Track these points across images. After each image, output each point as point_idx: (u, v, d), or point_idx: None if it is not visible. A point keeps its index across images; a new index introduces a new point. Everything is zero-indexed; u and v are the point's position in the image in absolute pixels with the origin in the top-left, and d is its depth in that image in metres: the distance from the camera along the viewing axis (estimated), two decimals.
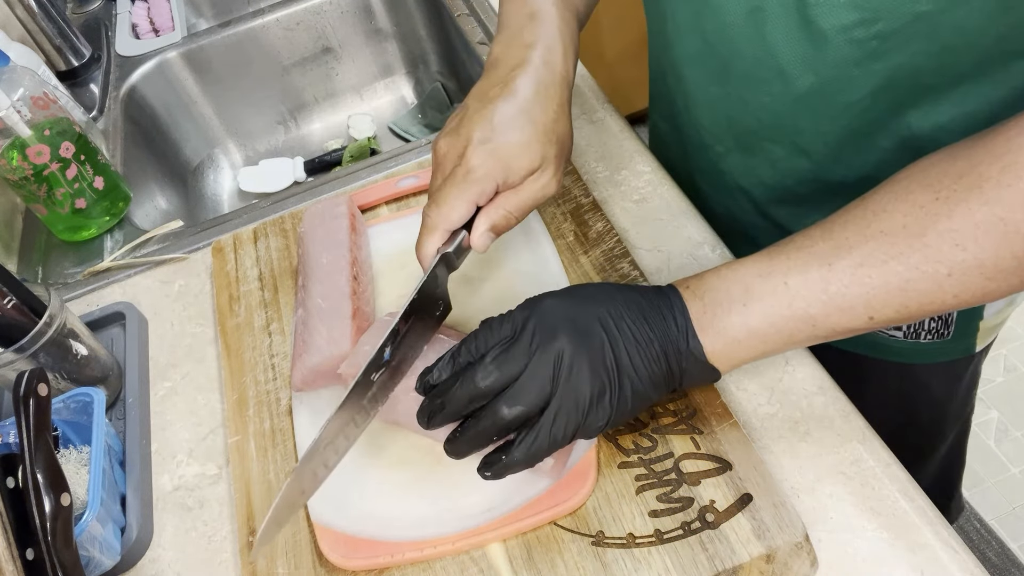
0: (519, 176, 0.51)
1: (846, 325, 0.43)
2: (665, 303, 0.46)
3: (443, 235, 0.51)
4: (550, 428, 0.44)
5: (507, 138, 0.50)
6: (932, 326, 0.68)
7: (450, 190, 0.50)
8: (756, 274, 0.45)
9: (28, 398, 0.46)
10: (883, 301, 0.42)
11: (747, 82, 0.58)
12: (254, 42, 1.08)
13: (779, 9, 0.52)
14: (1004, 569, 1.38)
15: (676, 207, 0.67)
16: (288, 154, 1.13)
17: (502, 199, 0.51)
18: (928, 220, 0.40)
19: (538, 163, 0.51)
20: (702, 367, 0.46)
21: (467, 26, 0.96)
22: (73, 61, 1.05)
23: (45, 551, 0.44)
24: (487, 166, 0.49)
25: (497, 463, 0.45)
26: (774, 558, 0.45)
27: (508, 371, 0.44)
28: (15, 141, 0.74)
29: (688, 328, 0.45)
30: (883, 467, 0.49)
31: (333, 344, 0.56)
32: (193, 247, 0.77)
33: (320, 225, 0.65)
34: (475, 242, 0.51)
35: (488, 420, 0.44)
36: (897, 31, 0.48)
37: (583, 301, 0.46)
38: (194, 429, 0.62)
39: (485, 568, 0.47)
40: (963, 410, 0.91)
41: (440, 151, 0.52)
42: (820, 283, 0.43)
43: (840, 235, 0.43)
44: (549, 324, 0.45)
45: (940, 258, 0.40)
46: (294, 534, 0.51)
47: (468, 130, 0.51)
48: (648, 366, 0.45)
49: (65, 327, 0.60)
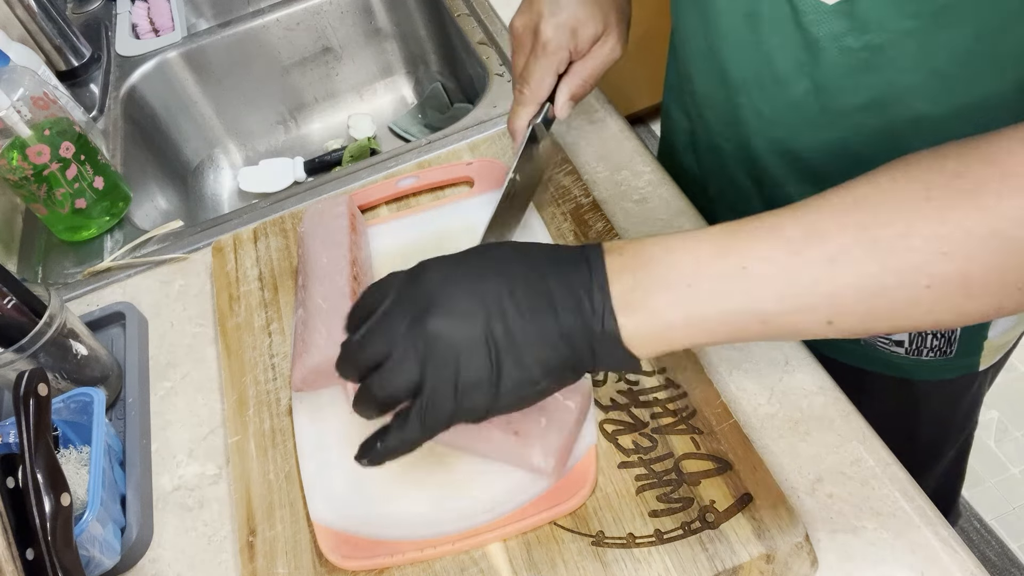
0: (587, 43, 0.57)
1: (801, 327, 0.38)
2: (581, 276, 0.40)
3: (535, 108, 0.59)
4: (421, 416, 0.40)
5: (572, 10, 0.56)
6: (935, 343, 0.67)
7: (534, 65, 0.57)
8: (711, 252, 0.38)
9: (28, 398, 0.46)
10: (850, 305, 0.37)
11: (745, 87, 0.58)
12: (254, 42, 1.08)
13: (773, 16, 0.52)
14: (1004, 569, 1.38)
15: (676, 207, 0.67)
16: (288, 154, 1.13)
17: (577, 68, 0.58)
18: (916, 220, 0.35)
19: (602, 29, 0.57)
20: (617, 353, 0.40)
21: (467, 26, 0.96)
22: (73, 61, 1.05)
23: (45, 551, 0.44)
24: (559, 37, 0.56)
25: (372, 450, 0.42)
26: (774, 558, 0.45)
27: (375, 349, 0.41)
28: (15, 141, 0.74)
29: (606, 307, 0.39)
30: (883, 467, 0.49)
31: (333, 344, 0.56)
32: (193, 247, 0.77)
33: (320, 225, 0.65)
34: (559, 111, 0.59)
35: (366, 396, 0.42)
36: (886, 45, 0.48)
37: (471, 272, 0.41)
38: (194, 429, 0.62)
39: (485, 568, 0.47)
40: (965, 427, 0.88)
41: (517, 30, 0.59)
42: (783, 275, 0.37)
43: (813, 220, 0.37)
44: (424, 300, 0.40)
45: (922, 266, 0.35)
46: (294, 534, 0.51)
47: (539, 7, 0.57)
48: (540, 354, 0.39)
49: (65, 327, 0.60)
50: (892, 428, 0.52)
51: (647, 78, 2.09)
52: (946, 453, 0.90)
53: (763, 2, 0.52)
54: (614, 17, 0.58)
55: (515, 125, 0.60)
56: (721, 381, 0.55)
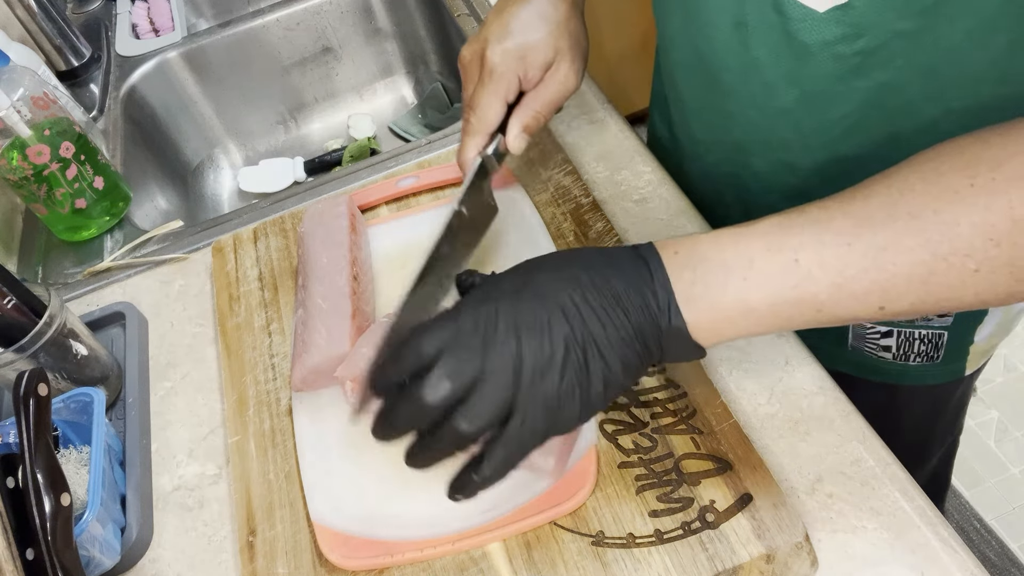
0: (537, 70, 0.55)
1: (854, 313, 0.39)
2: (644, 275, 0.41)
3: (483, 138, 0.55)
4: (518, 437, 0.40)
5: (521, 35, 0.54)
6: (922, 348, 0.67)
7: (480, 93, 0.54)
8: (763, 247, 0.40)
9: (28, 398, 0.46)
10: (901, 292, 0.38)
11: (733, 95, 0.58)
12: (254, 42, 1.08)
13: (761, 24, 0.51)
14: (1004, 569, 1.38)
15: (676, 207, 0.67)
16: (288, 154, 1.13)
17: (528, 99, 0.55)
18: (963, 208, 0.36)
19: (552, 55, 0.55)
20: (686, 344, 0.41)
21: (467, 26, 0.96)
22: (73, 61, 1.05)
23: (45, 551, 0.44)
24: (506, 62, 0.54)
25: (468, 484, 0.41)
26: (774, 558, 0.45)
27: (460, 382, 0.39)
28: (15, 141, 0.74)
29: (671, 304, 0.40)
30: (883, 467, 0.49)
31: (333, 344, 0.56)
32: (193, 247, 0.77)
33: (320, 225, 0.65)
34: (511, 143, 0.55)
35: (449, 437, 0.40)
36: (879, 48, 0.47)
37: (539, 290, 0.41)
38: (194, 429, 0.62)
39: (485, 568, 0.47)
40: (949, 432, 0.88)
41: (464, 59, 0.57)
42: (836, 264, 0.38)
43: (862, 211, 0.38)
44: (503, 323, 0.39)
45: (971, 252, 0.36)
46: (294, 534, 0.51)
47: (485, 34, 0.55)
48: (621, 353, 0.40)
49: (65, 327, 0.60)
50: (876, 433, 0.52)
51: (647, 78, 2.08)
52: (930, 459, 0.90)
53: (751, 11, 0.51)
54: (566, 44, 0.55)
55: (462, 157, 0.55)
56: (721, 381, 0.55)
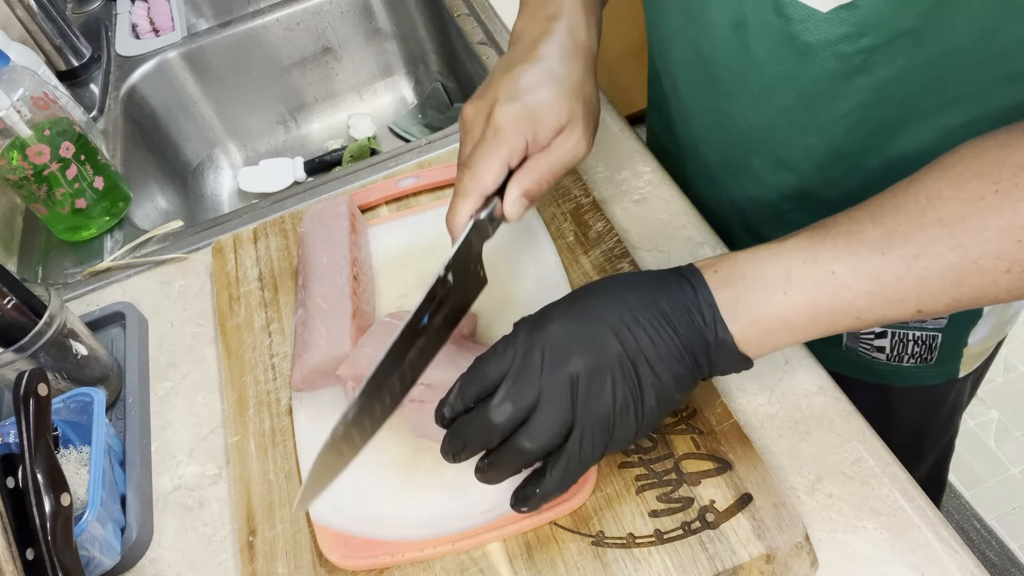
0: (547, 134, 0.49)
1: (892, 316, 0.41)
2: (688, 294, 0.43)
3: (477, 200, 0.48)
4: (578, 453, 0.42)
5: (533, 95, 0.49)
6: (916, 350, 0.67)
7: (481, 152, 0.48)
8: (800, 260, 0.42)
9: (28, 398, 0.46)
10: (935, 295, 0.40)
11: (732, 95, 0.57)
12: (254, 42, 1.08)
13: (761, 24, 0.51)
14: (1004, 569, 1.38)
15: (676, 207, 0.67)
16: (288, 154, 1.13)
17: (533, 162, 0.49)
18: (989, 213, 0.38)
19: (565, 119, 0.50)
20: (734, 357, 0.43)
21: (467, 26, 0.96)
22: (73, 61, 1.05)
23: (45, 551, 0.44)
24: (515, 123, 0.48)
25: (532, 496, 0.44)
26: (774, 558, 0.45)
27: (522, 404, 0.42)
28: (15, 141, 0.74)
29: (716, 319, 0.42)
30: (883, 467, 0.49)
31: (333, 344, 0.56)
32: (193, 247, 0.77)
33: (320, 225, 0.65)
34: (508, 209, 0.49)
35: (511, 455, 0.43)
36: (882, 46, 0.47)
37: (590, 313, 0.43)
38: (194, 429, 0.62)
39: (485, 568, 0.47)
40: (944, 435, 0.88)
41: (468, 116, 0.51)
42: (871, 273, 0.40)
43: (892, 221, 0.40)
44: (557, 346, 0.42)
45: (1001, 253, 0.38)
46: (294, 534, 0.51)
47: (494, 92, 0.50)
48: (672, 368, 0.42)
49: (65, 327, 0.60)
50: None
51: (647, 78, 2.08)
52: (924, 461, 0.89)
53: (750, 11, 0.51)
54: (581, 110, 0.50)
55: (453, 219, 0.49)
56: (721, 381, 0.55)
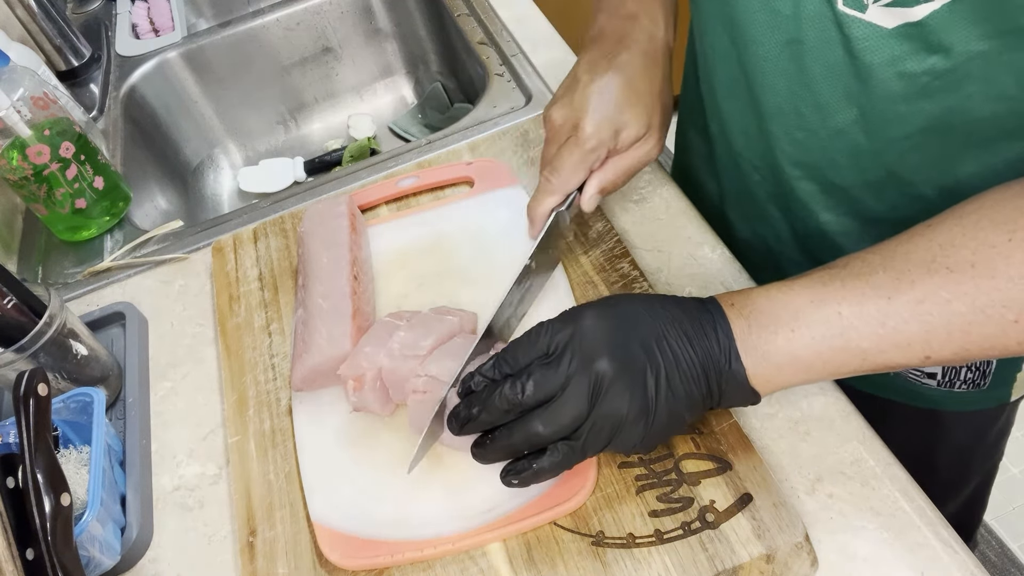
0: (627, 144, 0.55)
1: (899, 361, 0.41)
2: (708, 320, 0.45)
3: (560, 198, 0.56)
4: (582, 445, 0.44)
5: (617, 109, 0.54)
6: (968, 376, 0.66)
7: (568, 158, 0.55)
8: (808, 299, 0.43)
9: (28, 398, 0.46)
10: (942, 341, 0.40)
11: (780, 115, 0.57)
12: (254, 42, 1.08)
13: (820, 42, 0.50)
14: (1004, 569, 1.38)
15: (676, 207, 0.67)
16: (288, 154, 1.13)
17: (611, 163, 0.56)
18: (999, 262, 0.38)
19: (644, 131, 0.56)
20: (743, 389, 0.44)
21: (467, 26, 0.96)
22: (73, 61, 1.05)
23: (45, 551, 0.44)
24: (600, 135, 0.54)
25: (526, 471, 0.45)
26: (774, 558, 0.45)
27: (546, 389, 0.44)
28: (15, 141, 0.74)
29: (731, 348, 0.44)
30: (883, 467, 0.49)
31: (333, 344, 0.56)
32: (193, 247, 0.77)
33: (320, 225, 0.65)
34: (586, 203, 0.56)
35: (521, 435, 0.44)
36: (951, 69, 0.46)
37: (626, 320, 0.45)
38: (194, 429, 0.62)
39: (485, 568, 0.47)
40: (989, 459, 0.87)
41: (555, 121, 0.56)
42: (877, 316, 0.40)
43: (902, 266, 0.41)
44: (590, 345, 0.44)
45: (1008, 303, 0.38)
46: (294, 534, 0.51)
47: (581, 101, 0.55)
48: (687, 387, 0.44)
49: (65, 327, 0.60)
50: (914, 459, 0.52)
51: None
52: (968, 484, 0.89)
53: (808, 29, 0.50)
54: (658, 120, 0.56)
55: (536, 211, 0.56)
56: None
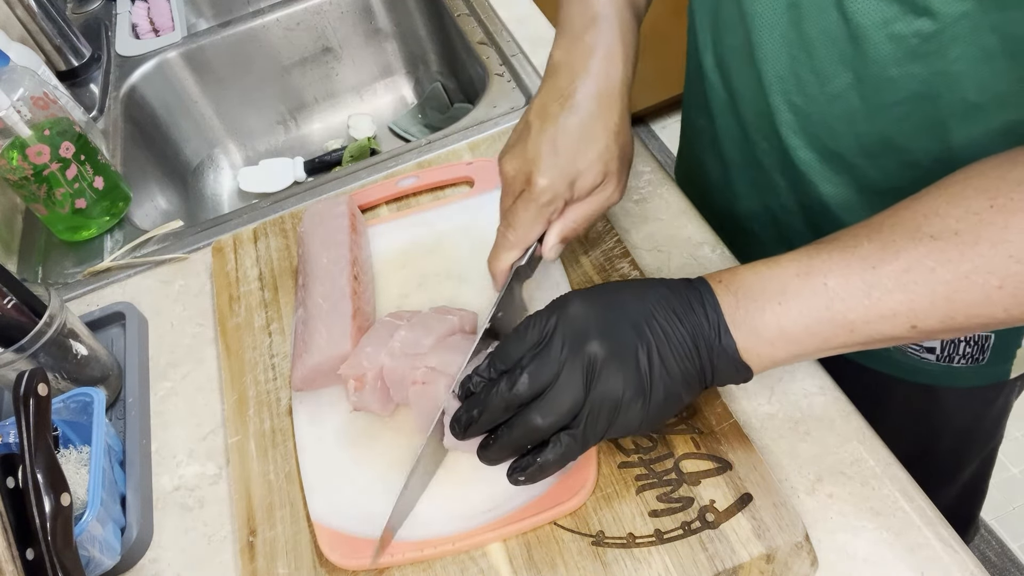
0: (584, 192, 0.53)
1: (887, 333, 0.42)
2: (695, 297, 0.45)
3: (519, 253, 0.54)
4: (583, 432, 0.44)
5: (571, 159, 0.52)
6: (967, 350, 0.66)
7: (524, 212, 0.53)
8: (794, 272, 0.43)
9: (28, 398, 0.46)
10: (927, 310, 0.40)
11: (780, 84, 0.57)
12: (254, 42, 1.08)
13: (815, 5, 0.51)
14: (1004, 569, 1.38)
15: (676, 207, 0.67)
16: (288, 154, 1.13)
17: (570, 212, 0.54)
18: (982, 228, 0.38)
19: (601, 179, 0.53)
20: (734, 364, 0.44)
21: (467, 26, 0.96)
22: (73, 61, 1.05)
23: (45, 551, 0.44)
24: (555, 189, 0.52)
25: (531, 466, 0.45)
26: (774, 558, 0.45)
27: (540, 379, 0.44)
28: (15, 141, 0.74)
29: (720, 323, 0.44)
30: (883, 467, 0.49)
31: (333, 344, 0.56)
32: (193, 247, 0.77)
33: (320, 225, 0.65)
34: (547, 254, 0.55)
35: (521, 429, 0.44)
36: (937, 31, 0.47)
37: (613, 302, 0.45)
38: (194, 429, 0.62)
39: (485, 568, 0.47)
40: (990, 439, 0.86)
41: (508, 173, 0.54)
42: (862, 287, 0.41)
43: (887, 236, 0.41)
44: (579, 329, 0.44)
45: (992, 269, 0.38)
46: (294, 534, 0.51)
47: (533, 152, 0.52)
48: (681, 364, 0.44)
49: (65, 327, 0.60)
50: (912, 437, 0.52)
51: (649, 78, 2.08)
52: (966, 467, 0.88)
53: None
54: (615, 165, 0.54)
55: (497, 267, 0.55)
56: None
